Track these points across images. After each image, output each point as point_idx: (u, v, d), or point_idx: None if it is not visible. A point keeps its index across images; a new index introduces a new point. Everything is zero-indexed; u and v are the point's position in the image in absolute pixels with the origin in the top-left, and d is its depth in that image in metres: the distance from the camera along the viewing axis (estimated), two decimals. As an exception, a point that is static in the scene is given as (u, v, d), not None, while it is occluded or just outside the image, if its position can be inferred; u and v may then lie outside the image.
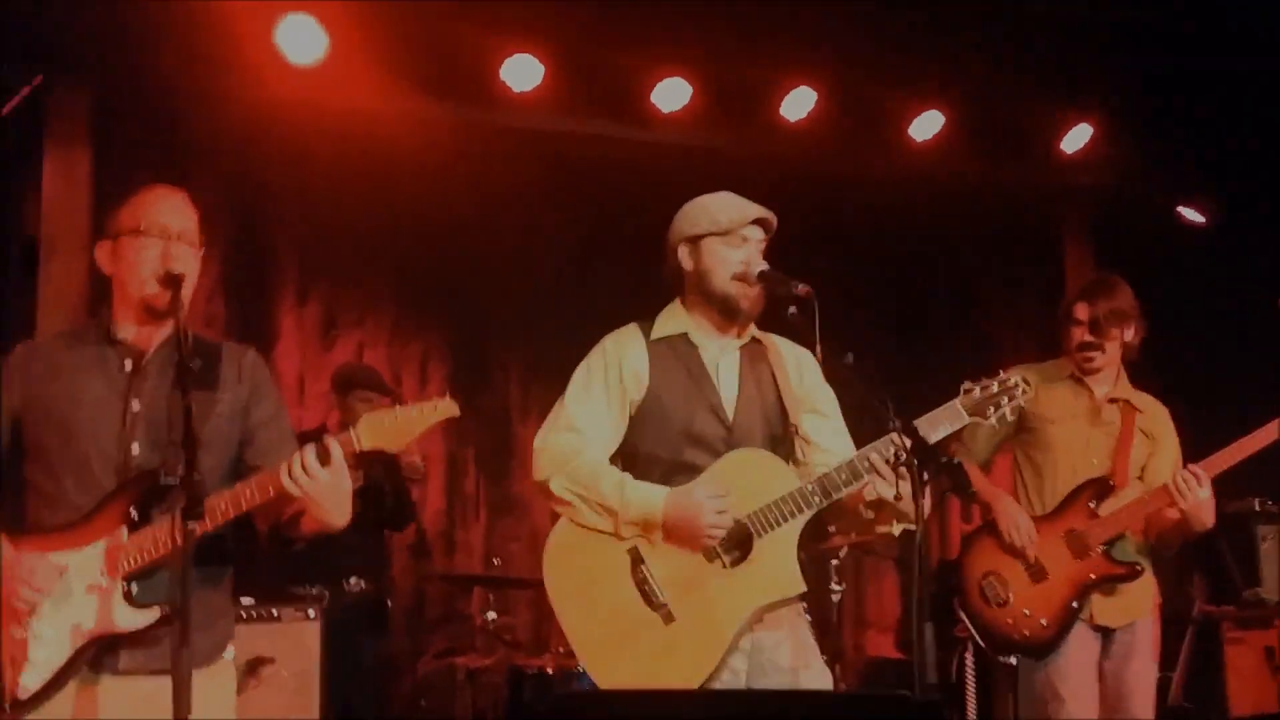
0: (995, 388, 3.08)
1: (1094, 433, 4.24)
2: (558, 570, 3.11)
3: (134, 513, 2.76)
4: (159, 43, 5.32)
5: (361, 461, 5.23)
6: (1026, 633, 4.06)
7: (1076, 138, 6.83)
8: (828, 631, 5.61)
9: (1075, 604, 4.06)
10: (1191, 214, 7.28)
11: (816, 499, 3.00)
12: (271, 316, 6.16)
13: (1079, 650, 4.06)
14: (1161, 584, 4.51)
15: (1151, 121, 6.75)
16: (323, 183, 6.11)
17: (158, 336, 2.92)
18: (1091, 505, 4.13)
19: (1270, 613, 6.19)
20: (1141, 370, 6.98)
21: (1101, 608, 4.09)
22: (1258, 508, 6.59)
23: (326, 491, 2.74)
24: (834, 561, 5.58)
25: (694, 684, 2.93)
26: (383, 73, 5.64)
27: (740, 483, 3.04)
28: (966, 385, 3.10)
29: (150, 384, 2.87)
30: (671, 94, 6.07)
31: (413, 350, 6.45)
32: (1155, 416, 4.33)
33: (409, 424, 2.77)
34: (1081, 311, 4.24)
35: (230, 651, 2.96)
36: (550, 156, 6.30)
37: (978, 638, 4.14)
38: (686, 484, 3.06)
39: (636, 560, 3.05)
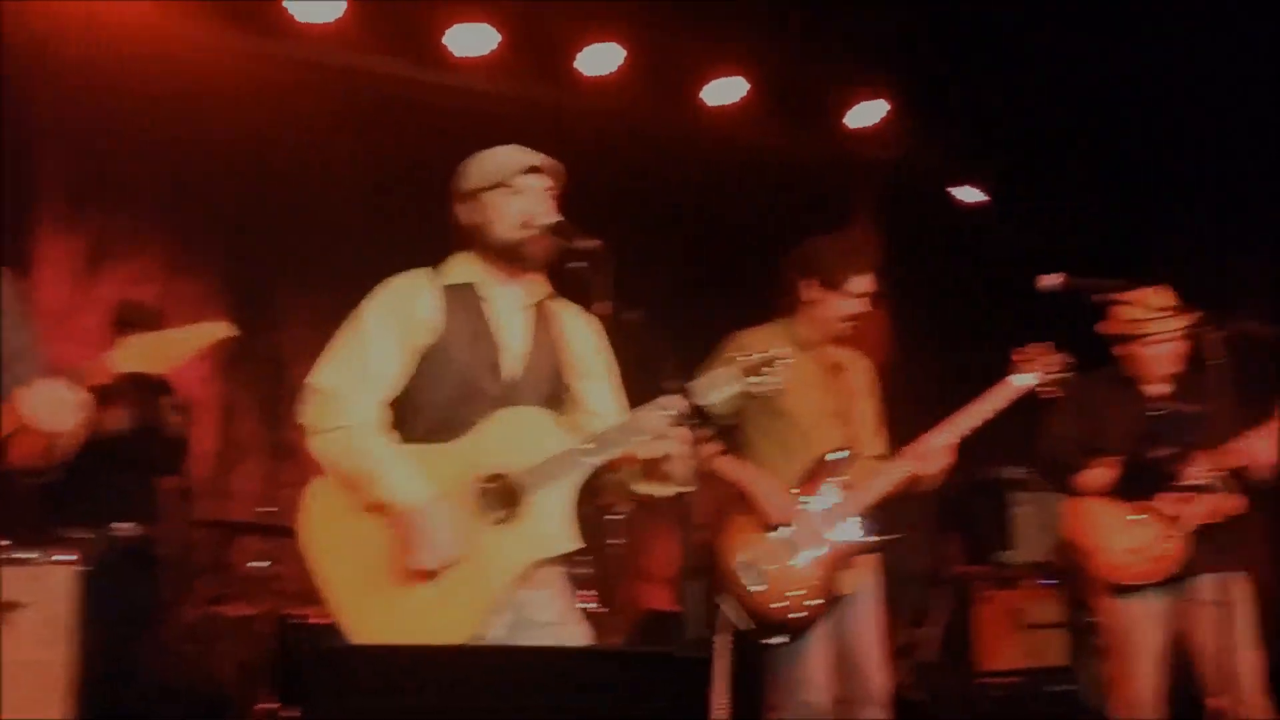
0: (761, 356, 3.10)
1: (825, 399, 4.14)
2: (318, 518, 3.01)
3: None
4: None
5: (130, 401, 5.03)
6: (797, 614, 3.94)
7: (871, 112, 7.03)
8: (605, 585, 5.65)
9: (835, 578, 4.01)
10: (969, 193, 7.62)
11: (590, 458, 2.98)
12: (32, 243, 5.78)
13: (820, 623, 4.02)
14: (920, 544, 4.70)
15: (939, 102, 7.02)
16: (96, 106, 5.75)
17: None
18: (841, 476, 4.06)
19: (1018, 574, 6.59)
20: (915, 341, 7.29)
21: (840, 577, 4.06)
22: (1010, 475, 6.96)
23: (69, 420, 2.62)
24: (614, 517, 5.61)
25: (458, 641, 2.88)
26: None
27: (512, 440, 3.01)
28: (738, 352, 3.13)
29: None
30: (471, 38, 5.95)
31: (188, 287, 6.12)
32: (860, 372, 4.29)
33: (173, 345, 2.66)
34: (864, 284, 4.10)
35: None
36: (346, 93, 6.10)
37: (741, 623, 3.92)
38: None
39: None
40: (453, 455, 3.01)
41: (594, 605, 5.45)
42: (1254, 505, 4.40)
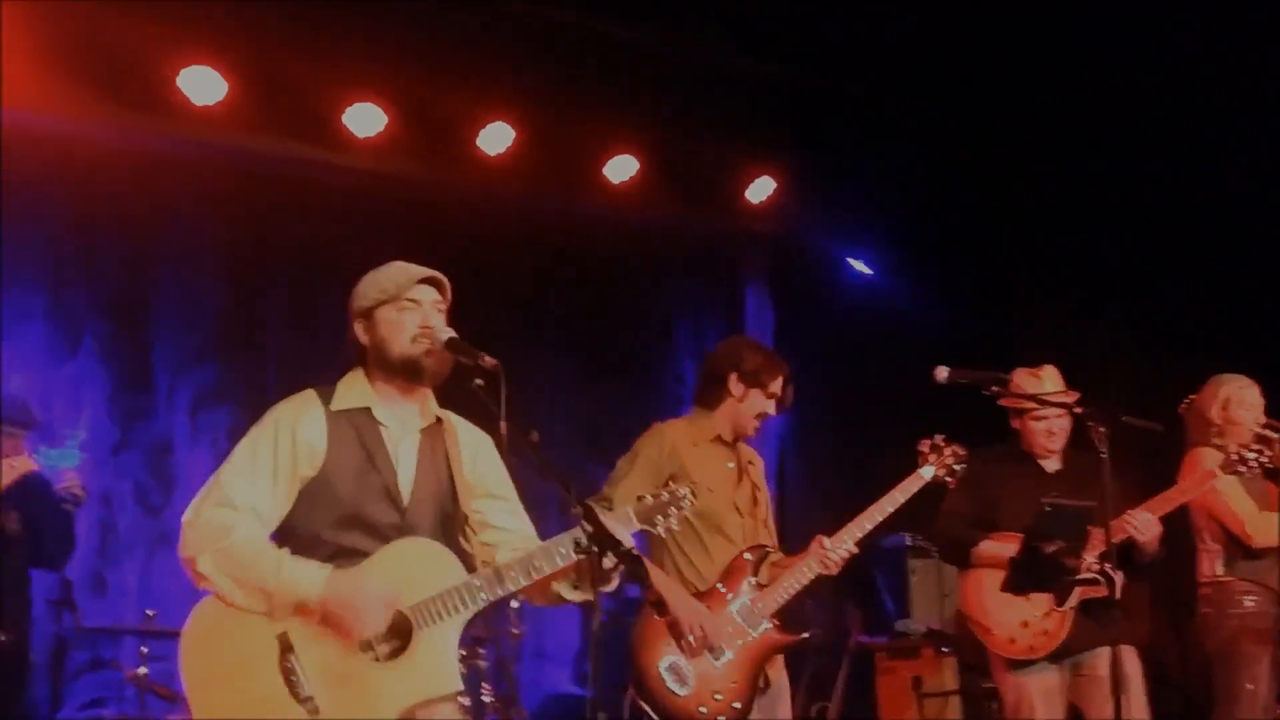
0: (665, 497, 3.09)
1: (738, 496, 4.24)
2: (196, 653, 2.87)
3: None
4: None
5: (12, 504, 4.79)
6: (722, 717, 3.93)
7: (760, 188, 7.12)
8: (505, 673, 5.55)
9: (759, 678, 4.03)
10: (860, 265, 7.74)
11: (484, 595, 2.92)
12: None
13: None
14: (819, 615, 4.72)
15: (828, 178, 7.14)
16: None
17: None
18: (755, 575, 4.12)
19: (917, 643, 6.62)
20: (811, 417, 7.33)
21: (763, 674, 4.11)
22: (909, 542, 7.00)
23: None
24: (514, 605, 5.52)
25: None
26: (55, 73, 5.26)
27: (406, 572, 2.92)
28: (639, 494, 3.10)
29: None
30: (365, 119, 5.90)
31: (66, 374, 5.90)
32: (759, 467, 4.41)
33: None
34: (781, 388, 4.24)
35: None
36: (238, 174, 5.99)
37: None
38: (354, 569, 2.92)
39: (285, 648, 2.86)
40: None
41: (491, 698, 5.36)
42: (1136, 580, 4.49)
